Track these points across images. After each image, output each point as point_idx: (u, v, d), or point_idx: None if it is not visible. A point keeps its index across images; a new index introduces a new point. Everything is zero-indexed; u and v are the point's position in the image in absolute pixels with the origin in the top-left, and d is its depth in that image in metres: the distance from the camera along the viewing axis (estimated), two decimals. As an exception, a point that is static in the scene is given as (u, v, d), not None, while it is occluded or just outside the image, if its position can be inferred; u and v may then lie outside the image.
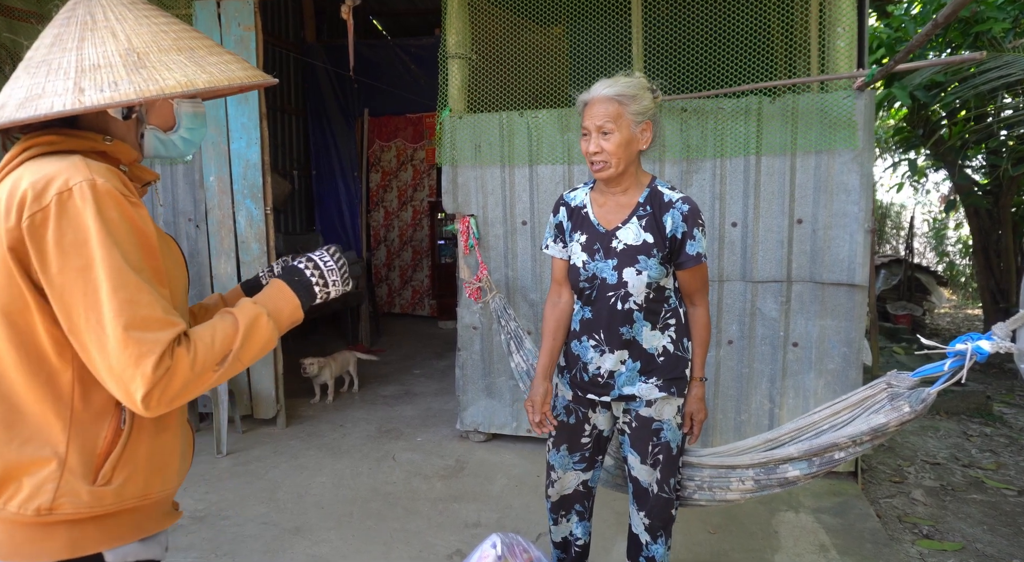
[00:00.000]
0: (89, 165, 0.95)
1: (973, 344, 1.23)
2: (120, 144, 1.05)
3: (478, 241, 3.54)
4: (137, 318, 0.90)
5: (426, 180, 7.38)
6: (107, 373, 0.91)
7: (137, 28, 1.01)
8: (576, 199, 1.93)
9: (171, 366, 0.92)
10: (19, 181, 0.94)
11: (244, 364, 1.03)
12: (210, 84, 1.00)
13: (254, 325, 1.03)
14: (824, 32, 3.06)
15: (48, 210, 0.90)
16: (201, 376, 0.96)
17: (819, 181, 3.05)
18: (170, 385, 0.92)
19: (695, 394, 1.89)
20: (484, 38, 3.57)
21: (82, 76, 0.95)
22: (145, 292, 0.93)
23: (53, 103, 0.93)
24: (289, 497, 3.12)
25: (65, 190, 0.91)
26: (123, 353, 0.89)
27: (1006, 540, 2.81)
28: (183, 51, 1.01)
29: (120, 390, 0.91)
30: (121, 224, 0.93)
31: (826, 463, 1.64)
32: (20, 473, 0.95)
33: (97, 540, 1.00)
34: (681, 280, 1.87)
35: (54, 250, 0.90)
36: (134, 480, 1.02)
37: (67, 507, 0.96)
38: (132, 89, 0.95)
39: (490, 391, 3.71)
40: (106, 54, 0.97)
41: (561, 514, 2.07)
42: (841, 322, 3.08)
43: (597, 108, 1.74)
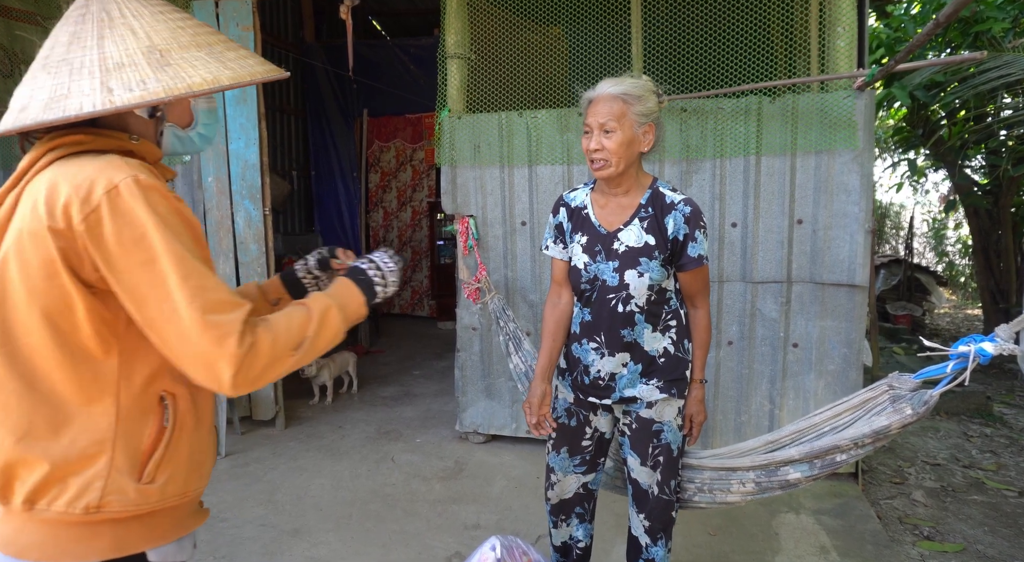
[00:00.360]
0: (128, 162, 0.96)
1: (976, 346, 1.22)
2: (145, 143, 1.05)
3: (477, 242, 3.53)
4: (210, 302, 0.92)
5: (425, 181, 7.37)
6: (192, 359, 0.93)
7: (155, 25, 1.00)
8: (576, 200, 1.92)
9: (253, 343, 0.94)
10: (56, 182, 0.93)
11: (317, 352, 1.06)
12: (234, 80, 1.01)
13: (327, 316, 1.08)
14: (824, 32, 3.05)
15: (100, 210, 0.90)
16: (280, 358, 0.99)
17: (819, 181, 3.04)
18: (255, 362, 0.95)
19: (695, 396, 1.88)
20: (483, 38, 3.56)
21: (108, 75, 0.95)
22: (209, 277, 0.95)
23: (82, 104, 0.92)
24: (288, 499, 3.11)
25: (112, 188, 0.91)
26: (204, 337, 0.91)
27: (1007, 541, 2.80)
28: (202, 48, 1.02)
29: (206, 373, 0.93)
30: (171, 215, 0.95)
31: (827, 465, 1.63)
32: (66, 473, 0.95)
33: (141, 539, 1.01)
34: (682, 282, 1.86)
35: (116, 249, 0.91)
36: (176, 478, 1.03)
37: (115, 505, 0.96)
38: (160, 87, 0.95)
39: (489, 392, 3.70)
40: (128, 52, 0.97)
41: (561, 517, 2.06)
42: (841, 323, 3.07)
43: (601, 106, 1.72)
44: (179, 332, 0.92)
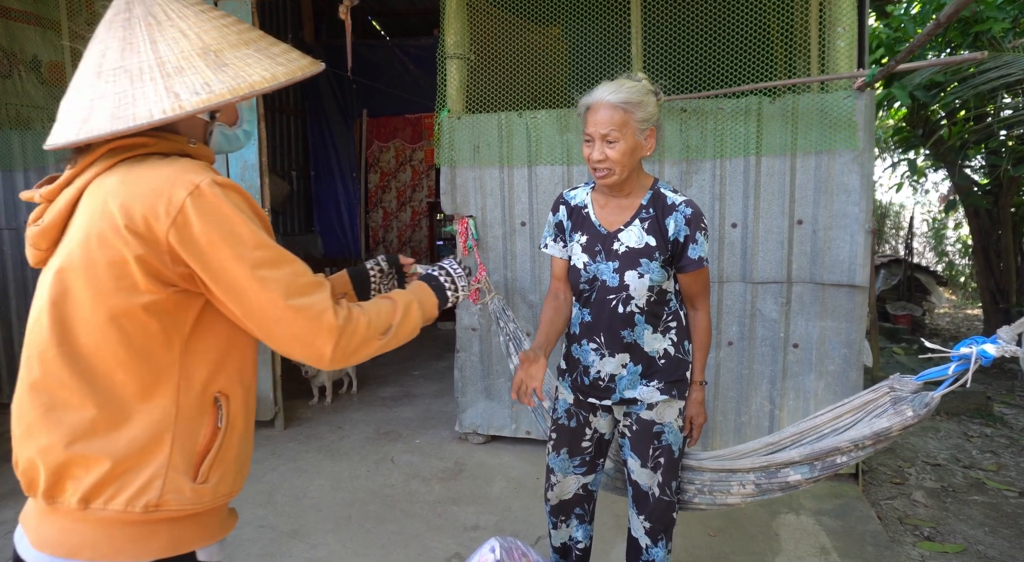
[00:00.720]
0: (198, 164, 1.00)
1: (978, 348, 1.22)
2: (202, 146, 1.07)
3: (477, 242, 3.53)
4: (301, 285, 0.99)
5: (425, 181, 7.36)
6: (293, 341, 0.99)
7: (202, 25, 1.00)
8: (576, 198, 1.91)
9: (348, 319, 1.03)
10: (129, 186, 0.94)
11: (399, 341, 1.15)
12: (288, 76, 1.02)
13: (410, 309, 1.18)
14: (824, 32, 3.05)
15: (187, 211, 0.92)
16: (370, 339, 1.07)
17: (819, 182, 3.03)
18: (353, 336, 1.03)
19: (695, 398, 1.87)
20: (483, 38, 3.55)
21: (170, 80, 0.95)
22: (295, 262, 1.01)
23: (151, 111, 0.93)
24: (287, 500, 3.10)
25: (195, 189, 0.93)
26: (302, 318, 0.97)
27: (1007, 542, 2.80)
28: (250, 45, 1.03)
29: (309, 351, 1.00)
30: (250, 210, 0.99)
31: (828, 467, 1.63)
32: (125, 470, 0.95)
33: (194, 538, 1.02)
34: (682, 284, 1.86)
35: (207, 247, 0.93)
36: (226, 478, 1.05)
37: (172, 503, 0.97)
38: (225, 88, 0.96)
39: (489, 393, 3.69)
40: (184, 54, 0.97)
41: (561, 518, 2.05)
42: (841, 323, 3.06)
43: (601, 115, 1.69)
44: (278, 318, 0.97)
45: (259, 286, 0.96)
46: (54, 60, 4.27)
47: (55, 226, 1.01)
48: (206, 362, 1.01)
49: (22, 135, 4.18)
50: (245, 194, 1.00)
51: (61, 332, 0.95)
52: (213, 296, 0.98)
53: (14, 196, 4.26)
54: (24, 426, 0.98)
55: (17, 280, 4.32)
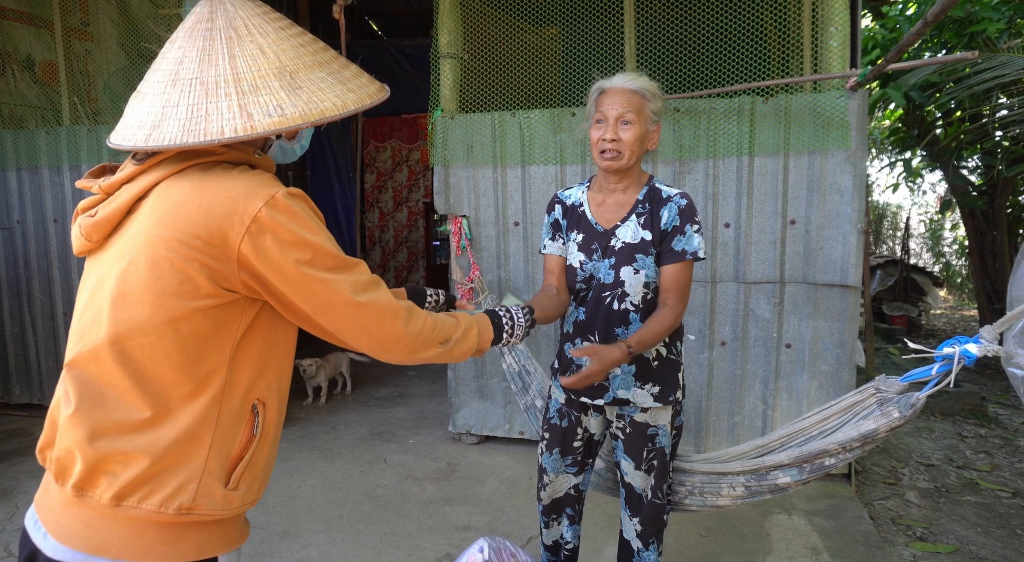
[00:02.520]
0: (272, 178, 1.03)
1: (961, 348, 1.21)
2: (267, 157, 1.10)
3: (470, 242, 3.52)
4: (363, 284, 1.04)
5: (421, 181, 7.35)
6: (369, 338, 1.06)
7: (281, 43, 1.02)
8: (572, 197, 1.91)
9: (412, 311, 1.10)
10: (204, 192, 0.96)
11: (453, 357, 1.22)
12: (357, 104, 1.04)
13: (470, 331, 1.26)
14: (817, 32, 3.05)
15: (262, 220, 0.95)
16: (431, 342, 1.15)
17: (812, 181, 3.03)
18: (419, 333, 1.11)
19: (611, 355, 1.60)
20: (476, 38, 3.55)
21: (244, 98, 0.96)
22: (356, 262, 1.06)
23: (223, 128, 0.95)
24: (278, 500, 3.09)
25: (271, 199, 0.96)
26: (370, 311, 1.04)
27: (1000, 542, 2.80)
28: (323, 67, 1.04)
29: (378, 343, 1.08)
30: (317, 220, 1.04)
31: (816, 469, 1.62)
32: (162, 472, 0.96)
33: (219, 543, 1.03)
34: (660, 277, 1.78)
35: (279, 254, 0.96)
36: (253, 486, 1.06)
37: (204, 508, 0.98)
38: (297, 113, 0.97)
39: (482, 393, 3.68)
40: (261, 73, 0.99)
41: (552, 517, 2.05)
42: (834, 323, 3.06)
43: (619, 97, 1.72)
44: (354, 318, 1.03)
45: (329, 287, 1.00)
46: (48, 59, 4.26)
47: (111, 220, 1.01)
48: (250, 369, 1.03)
49: (15, 135, 4.17)
50: (311, 203, 1.04)
51: (117, 331, 0.96)
52: (281, 299, 1.01)
53: (6, 196, 4.25)
54: (68, 414, 0.98)
55: (10, 280, 4.31)
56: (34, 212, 4.22)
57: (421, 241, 7.44)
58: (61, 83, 4.13)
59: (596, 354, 1.59)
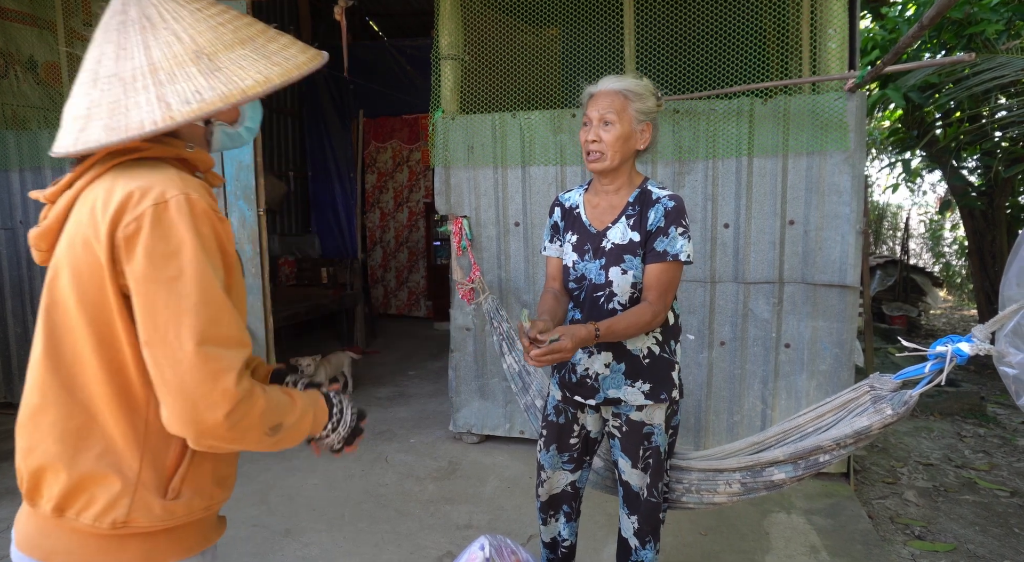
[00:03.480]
0: (183, 178, 0.96)
1: (953, 346, 1.23)
2: (199, 151, 1.04)
3: (471, 242, 3.54)
4: (218, 335, 0.90)
5: (422, 181, 7.37)
6: (176, 390, 0.88)
7: (197, 26, 0.98)
8: (570, 200, 1.95)
9: (250, 392, 0.92)
10: (112, 189, 0.93)
11: (279, 445, 1.02)
12: (284, 77, 0.99)
13: (305, 416, 1.06)
14: (815, 33, 3.07)
15: (143, 219, 0.90)
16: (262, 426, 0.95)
17: (811, 182, 3.05)
18: (248, 413, 0.92)
19: (579, 333, 1.61)
20: (477, 39, 3.57)
21: (162, 88, 0.93)
22: (228, 310, 0.93)
23: (143, 121, 0.91)
24: (280, 499, 3.11)
25: (162, 201, 0.91)
26: (201, 369, 0.88)
27: (997, 541, 2.81)
28: (246, 44, 1.00)
29: (187, 409, 0.88)
30: (212, 241, 0.94)
31: (811, 466, 1.64)
32: (93, 484, 0.94)
33: (168, 552, 1.01)
34: (643, 276, 1.79)
35: (144, 259, 0.89)
36: (201, 492, 1.03)
37: (141, 520, 0.96)
38: (216, 96, 0.93)
39: (483, 392, 3.70)
40: (177, 60, 0.95)
41: (550, 514, 2.07)
42: (833, 323, 3.08)
43: (602, 99, 1.75)
44: (174, 359, 0.88)
45: (171, 316, 0.89)
46: (50, 61, 4.28)
47: (51, 229, 1.00)
48: None
49: (18, 135, 4.20)
50: (215, 223, 0.95)
51: (49, 339, 0.95)
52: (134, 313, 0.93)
53: (9, 196, 4.28)
54: (18, 424, 0.99)
55: (12, 280, 4.33)
56: (37, 212, 4.23)
57: (422, 241, 7.46)
58: (63, 84, 4.16)
59: (566, 332, 1.59)
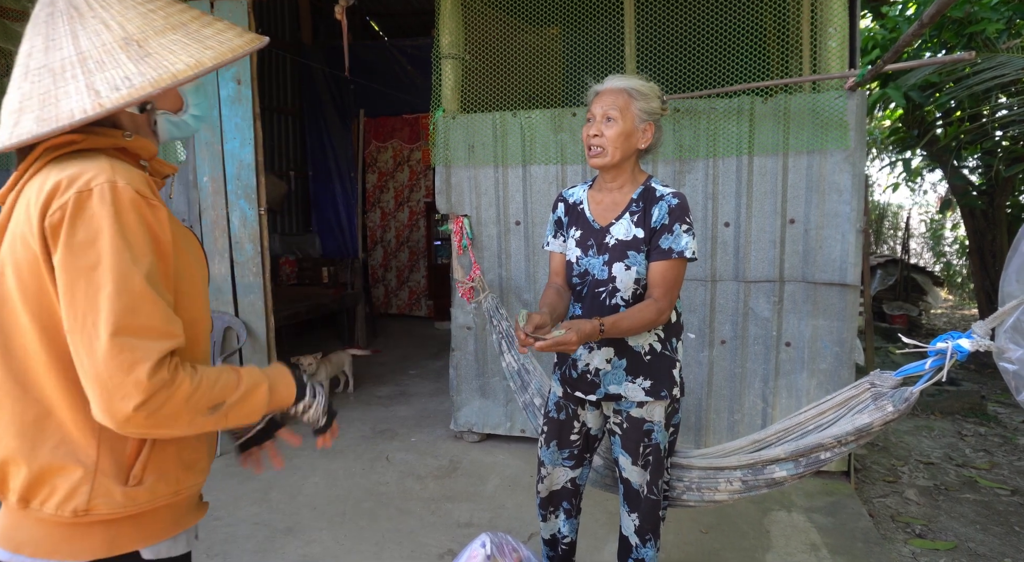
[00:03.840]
0: (114, 166, 0.95)
1: (953, 343, 1.23)
2: (139, 139, 1.03)
3: (471, 241, 3.55)
4: (134, 325, 0.88)
5: (423, 181, 7.37)
6: (93, 379, 0.88)
7: (125, 13, 0.97)
8: (574, 196, 1.97)
9: (170, 381, 0.90)
10: (44, 182, 0.93)
11: (228, 423, 1.01)
12: (216, 60, 0.98)
13: (255, 390, 1.03)
14: (816, 32, 3.07)
15: (65, 207, 0.89)
16: (192, 411, 0.94)
17: (811, 181, 3.05)
18: (167, 402, 0.90)
19: (584, 327, 1.62)
20: (477, 38, 3.57)
21: (91, 77, 0.92)
22: (149, 300, 0.91)
23: (72, 110, 0.91)
24: (282, 497, 3.12)
25: (85, 190, 0.90)
26: (114, 359, 0.87)
27: (998, 539, 2.81)
28: (177, 29, 0.99)
29: (103, 399, 0.87)
30: (137, 228, 0.92)
31: (812, 463, 1.65)
32: (53, 475, 0.95)
33: (134, 538, 1.01)
34: (648, 274, 1.81)
35: (64, 247, 0.89)
36: (166, 478, 1.03)
37: (102, 508, 0.96)
38: (146, 81, 0.93)
39: (484, 391, 3.71)
40: (106, 48, 0.94)
41: (550, 510, 2.08)
42: (833, 322, 3.08)
43: (606, 96, 1.79)
44: (89, 347, 0.87)
45: (88, 306, 0.88)
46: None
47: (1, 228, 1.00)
48: None
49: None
50: (142, 210, 0.93)
51: (1, 337, 0.96)
52: None
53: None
54: None
55: None
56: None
57: (422, 241, 7.46)
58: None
59: (572, 326, 1.61)
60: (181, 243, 1.03)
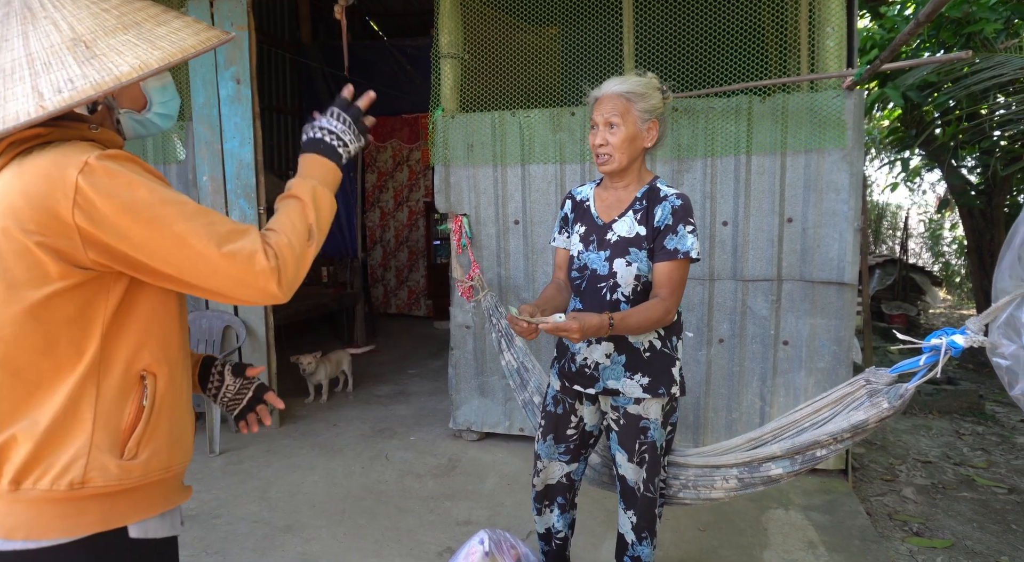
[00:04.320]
0: (90, 144, 0.98)
1: (947, 339, 1.24)
2: (105, 131, 1.05)
3: (470, 240, 3.55)
4: (223, 234, 0.98)
5: (422, 181, 7.38)
6: (235, 289, 1.00)
7: (77, 13, 0.97)
8: (582, 194, 2.01)
9: (277, 253, 1.02)
10: (24, 176, 0.93)
11: (324, 232, 1.13)
12: (164, 61, 0.97)
13: (317, 196, 1.13)
14: (814, 32, 3.08)
15: (84, 190, 0.91)
16: (302, 254, 1.07)
17: (809, 180, 3.06)
18: (287, 267, 1.03)
19: (590, 320, 1.63)
20: (477, 38, 3.58)
21: (37, 78, 0.93)
22: (208, 211, 1.00)
23: (18, 113, 0.92)
24: (281, 496, 3.13)
25: (84, 166, 0.92)
26: (237, 267, 0.98)
27: (995, 537, 2.82)
28: (129, 29, 0.98)
29: (255, 294, 1.01)
30: (145, 172, 0.98)
31: (808, 460, 1.65)
32: (49, 451, 0.97)
33: (127, 512, 1.03)
34: (653, 274, 1.83)
35: (116, 218, 0.93)
36: (158, 453, 1.06)
37: (98, 480, 0.99)
38: (88, 84, 0.93)
39: (483, 390, 3.71)
40: (53, 49, 0.94)
41: (545, 504, 2.10)
42: (831, 320, 3.09)
43: (606, 103, 1.80)
44: (212, 272, 0.97)
45: (182, 242, 0.96)
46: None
47: None
48: (128, 343, 1.02)
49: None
50: (136, 159, 0.99)
51: None
52: (138, 266, 0.97)
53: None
54: None
55: None
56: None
57: (422, 240, 7.47)
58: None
59: (577, 317, 1.63)
60: None
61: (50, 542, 0.98)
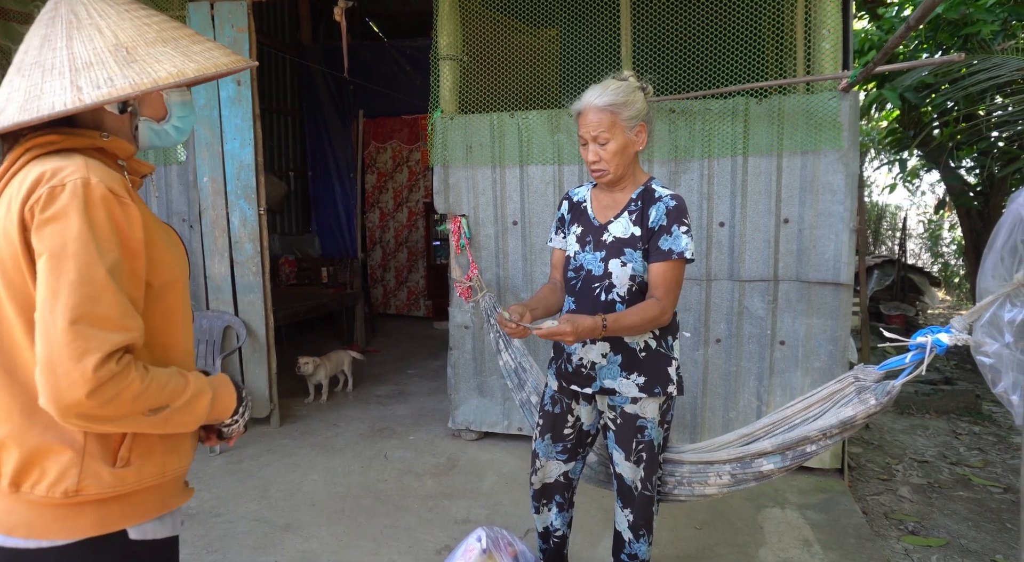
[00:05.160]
0: (88, 164, 0.99)
1: (933, 337, 1.27)
2: (116, 139, 1.08)
3: (469, 241, 3.58)
4: (92, 314, 0.92)
5: (421, 181, 7.40)
6: (44, 363, 0.90)
7: (120, 23, 1.05)
8: (579, 195, 2.04)
9: (120, 376, 0.92)
10: (25, 178, 0.98)
11: (167, 428, 1.04)
12: (199, 72, 1.05)
13: (199, 398, 1.07)
14: (809, 34, 3.10)
15: (40, 200, 0.94)
16: (135, 410, 0.96)
17: (805, 181, 3.08)
18: (114, 398, 0.92)
19: (584, 322, 1.64)
20: (475, 40, 3.60)
21: (77, 74, 0.99)
22: (110, 292, 0.94)
23: (54, 103, 0.97)
24: (281, 494, 3.15)
25: (59, 185, 0.95)
26: (68, 346, 0.89)
27: (990, 536, 2.84)
28: (168, 42, 1.06)
29: (50, 384, 0.90)
30: (106, 223, 0.96)
31: (798, 456, 1.68)
32: (42, 458, 1.00)
33: (123, 516, 1.05)
34: (649, 275, 1.84)
35: (36, 238, 0.95)
36: (151, 461, 1.07)
37: (92, 488, 1.01)
38: (127, 83, 0.99)
39: (482, 390, 3.74)
40: (96, 51, 1.01)
41: (543, 502, 2.12)
42: (827, 320, 3.11)
43: (590, 118, 1.79)
44: (47, 333, 0.91)
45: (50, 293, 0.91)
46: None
47: None
48: None
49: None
50: (112, 207, 0.97)
51: None
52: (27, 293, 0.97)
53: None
54: None
55: None
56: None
57: (421, 241, 7.50)
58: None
59: (570, 319, 1.63)
60: (158, 237, 1.08)
61: (50, 542, 1.00)
